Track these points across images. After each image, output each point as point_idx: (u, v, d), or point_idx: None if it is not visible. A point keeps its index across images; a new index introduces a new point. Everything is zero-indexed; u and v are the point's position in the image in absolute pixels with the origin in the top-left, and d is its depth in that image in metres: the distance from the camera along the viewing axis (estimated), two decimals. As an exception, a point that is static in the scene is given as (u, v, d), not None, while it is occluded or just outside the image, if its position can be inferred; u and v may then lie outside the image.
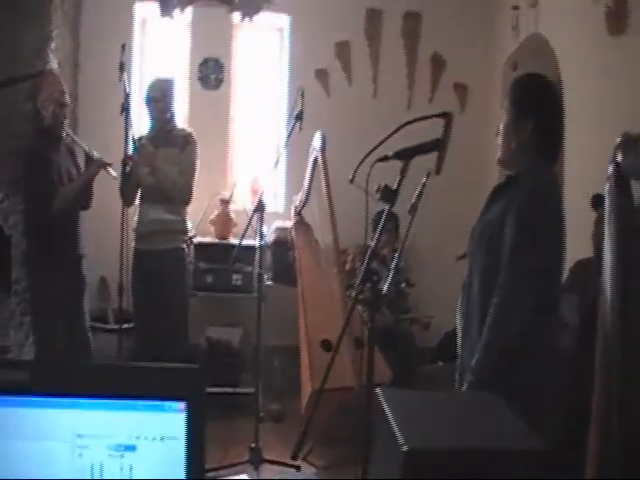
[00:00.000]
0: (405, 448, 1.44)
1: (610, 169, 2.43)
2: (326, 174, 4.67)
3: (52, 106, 4.20)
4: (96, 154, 4.37)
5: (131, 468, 1.28)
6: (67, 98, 4.34)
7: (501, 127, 2.58)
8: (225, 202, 5.55)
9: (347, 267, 5.39)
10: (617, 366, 2.29)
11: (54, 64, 5.04)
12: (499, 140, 2.59)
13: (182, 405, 1.31)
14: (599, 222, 3.67)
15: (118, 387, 1.30)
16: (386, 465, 1.63)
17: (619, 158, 2.40)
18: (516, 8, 5.61)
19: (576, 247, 2.52)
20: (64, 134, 4.33)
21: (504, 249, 2.38)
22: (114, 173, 4.37)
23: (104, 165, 4.36)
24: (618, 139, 2.42)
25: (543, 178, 2.49)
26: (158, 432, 1.31)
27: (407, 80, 6.23)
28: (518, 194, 2.41)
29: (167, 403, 1.31)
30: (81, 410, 1.28)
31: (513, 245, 2.36)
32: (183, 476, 1.29)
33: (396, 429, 1.54)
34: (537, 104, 2.51)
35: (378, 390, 1.80)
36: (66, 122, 4.33)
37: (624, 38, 4.25)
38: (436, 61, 6.26)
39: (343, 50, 6.15)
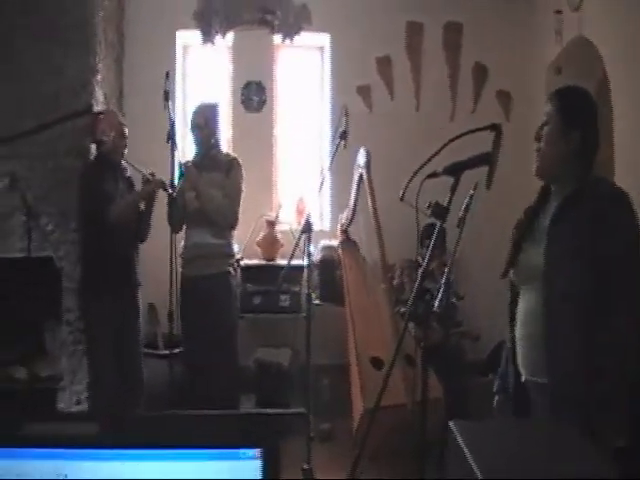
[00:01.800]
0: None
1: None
2: (371, 190, 4.67)
3: (113, 133, 4.41)
4: (154, 175, 4.49)
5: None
6: (126, 131, 4.48)
7: (544, 132, 2.54)
8: (271, 223, 5.56)
9: (395, 282, 5.34)
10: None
11: (100, 96, 5.14)
12: (540, 145, 2.55)
13: (257, 452, 1.26)
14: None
15: (191, 436, 1.25)
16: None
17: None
18: (559, 12, 5.52)
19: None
20: (122, 162, 4.49)
21: (604, 263, 2.34)
22: (170, 190, 4.42)
23: (162, 183, 4.44)
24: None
25: (620, 188, 2.49)
26: (234, 481, 1.26)
27: (449, 92, 6.19)
28: (603, 208, 2.39)
29: (242, 451, 1.26)
30: (155, 462, 1.23)
31: (621, 263, 2.35)
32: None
33: (472, 462, 1.52)
34: (584, 116, 2.54)
35: (451, 423, 1.77)
36: (125, 153, 4.49)
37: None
38: (478, 70, 6.21)
39: (384, 65, 6.15)
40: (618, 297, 2.33)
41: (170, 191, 4.38)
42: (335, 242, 5.29)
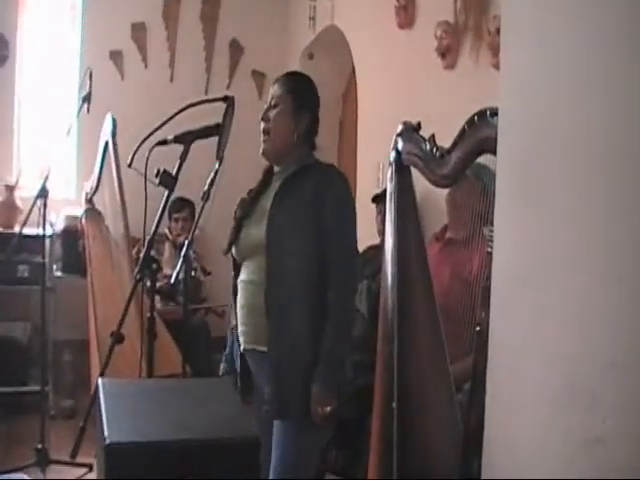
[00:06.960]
0: (108, 441, 1.51)
1: (391, 155, 2.55)
2: (117, 159, 4.51)
3: None
4: None
5: None
6: None
7: (272, 115, 2.62)
8: (10, 188, 5.21)
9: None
10: (395, 349, 2.39)
11: None
12: (268, 126, 2.62)
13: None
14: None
15: None
16: (100, 458, 1.67)
17: (399, 145, 2.52)
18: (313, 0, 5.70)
19: (364, 233, 2.64)
20: None
21: (323, 237, 2.48)
22: None
23: None
24: (399, 127, 2.54)
25: (339, 170, 2.71)
26: None
27: (205, 65, 6.16)
28: (323, 186, 2.53)
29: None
30: None
31: (339, 235, 2.51)
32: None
33: (105, 422, 1.59)
34: (313, 100, 2.69)
35: (99, 381, 1.81)
36: None
37: (412, 32, 4.44)
38: (234, 47, 6.23)
39: (139, 32, 5.97)
40: (335, 266, 2.48)
41: None
42: (79, 211, 5.06)
